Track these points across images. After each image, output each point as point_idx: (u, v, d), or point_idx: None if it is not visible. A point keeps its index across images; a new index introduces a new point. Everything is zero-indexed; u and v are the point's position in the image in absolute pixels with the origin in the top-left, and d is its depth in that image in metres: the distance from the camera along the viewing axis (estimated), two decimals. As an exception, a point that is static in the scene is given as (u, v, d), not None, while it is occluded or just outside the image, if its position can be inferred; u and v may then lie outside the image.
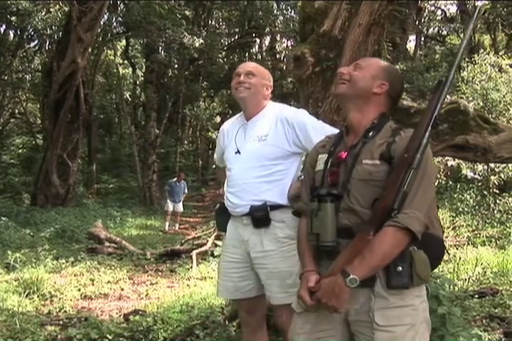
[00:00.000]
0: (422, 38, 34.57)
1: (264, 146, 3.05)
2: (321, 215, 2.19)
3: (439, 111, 2.17)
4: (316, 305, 2.16)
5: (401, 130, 2.24)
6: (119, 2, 23.33)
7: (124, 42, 29.87)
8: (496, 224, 11.49)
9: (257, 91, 3.15)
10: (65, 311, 6.23)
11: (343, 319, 2.24)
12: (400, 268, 2.09)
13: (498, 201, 12.56)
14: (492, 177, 12.52)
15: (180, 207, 17.63)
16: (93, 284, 7.88)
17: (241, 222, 3.11)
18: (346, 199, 2.20)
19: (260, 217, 3.01)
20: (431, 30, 34.08)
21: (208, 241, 10.31)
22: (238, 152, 3.13)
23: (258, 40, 32.90)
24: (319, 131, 2.90)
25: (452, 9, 35.81)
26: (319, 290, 2.12)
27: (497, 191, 12.81)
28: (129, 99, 32.95)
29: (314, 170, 2.40)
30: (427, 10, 30.43)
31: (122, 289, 7.81)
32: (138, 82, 32.28)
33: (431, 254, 2.20)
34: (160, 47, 26.46)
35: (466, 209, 12.65)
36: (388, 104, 2.35)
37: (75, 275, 8.39)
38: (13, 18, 19.12)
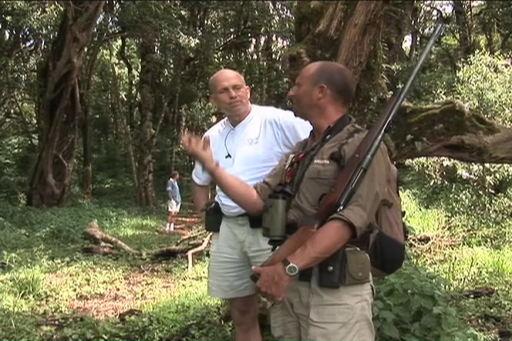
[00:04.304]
0: (418, 38, 34.61)
1: (257, 149, 3.09)
2: (271, 211, 2.32)
3: (393, 117, 2.28)
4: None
5: (357, 132, 2.33)
6: (114, 2, 23.28)
7: (119, 42, 29.83)
8: (491, 224, 11.50)
9: (247, 100, 3.23)
10: (61, 311, 6.23)
11: (292, 310, 2.35)
12: (331, 268, 2.17)
13: (493, 201, 12.58)
14: (487, 177, 12.53)
15: (178, 208, 17.68)
16: (89, 284, 7.88)
17: (236, 222, 3.13)
18: (296, 196, 2.32)
19: (258, 216, 3.02)
20: (426, 30, 34.10)
21: (203, 241, 10.30)
22: (229, 156, 3.16)
23: (254, 40, 32.87)
24: (308, 130, 2.92)
25: (448, 9, 35.96)
26: (259, 279, 2.17)
27: (492, 191, 12.83)
28: (125, 99, 32.92)
29: (283, 169, 2.53)
30: (422, 10, 30.48)
31: (118, 289, 7.81)
32: (134, 82, 32.22)
33: (386, 257, 2.31)
34: (156, 47, 26.43)
35: (461, 209, 12.66)
36: (341, 99, 2.42)
37: (70, 275, 8.39)
38: (9, 18, 19.01)
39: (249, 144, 3.11)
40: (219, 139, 3.27)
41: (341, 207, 2.13)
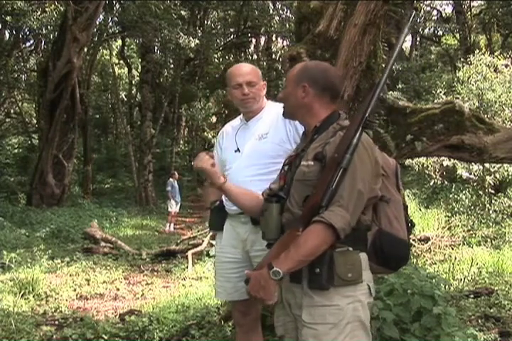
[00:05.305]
0: (418, 38, 34.59)
1: (265, 144, 3.06)
2: (265, 215, 2.34)
3: (370, 113, 2.23)
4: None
5: (341, 130, 2.29)
6: (114, 2, 23.26)
7: (119, 42, 29.84)
8: (491, 224, 11.51)
9: (260, 96, 3.19)
10: (61, 311, 6.23)
11: (290, 311, 2.36)
12: (318, 270, 2.16)
13: (493, 201, 12.59)
14: (487, 177, 12.54)
15: (178, 207, 17.68)
16: (89, 284, 7.88)
17: (239, 220, 3.11)
18: (288, 199, 2.32)
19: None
20: (426, 30, 34.09)
21: (203, 241, 10.31)
22: (238, 150, 3.14)
23: (254, 40, 32.88)
24: None
25: (448, 9, 35.93)
26: (249, 284, 2.22)
27: (492, 191, 12.83)
28: (125, 99, 32.91)
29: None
30: (422, 10, 30.42)
31: (118, 289, 7.81)
32: (134, 82, 32.24)
33: (387, 254, 2.29)
34: (156, 47, 26.42)
35: (461, 209, 12.67)
36: (327, 96, 2.40)
37: (70, 275, 8.38)
38: (8, 18, 19.00)
39: (259, 139, 3.10)
40: (231, 133, 3.27)
41: (324, 209, 2.12)
